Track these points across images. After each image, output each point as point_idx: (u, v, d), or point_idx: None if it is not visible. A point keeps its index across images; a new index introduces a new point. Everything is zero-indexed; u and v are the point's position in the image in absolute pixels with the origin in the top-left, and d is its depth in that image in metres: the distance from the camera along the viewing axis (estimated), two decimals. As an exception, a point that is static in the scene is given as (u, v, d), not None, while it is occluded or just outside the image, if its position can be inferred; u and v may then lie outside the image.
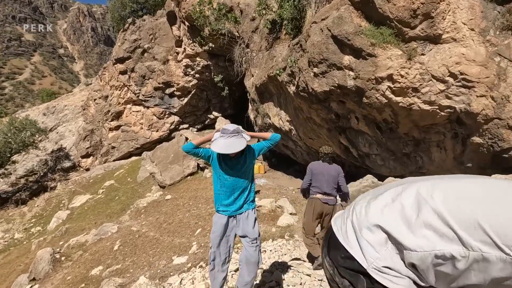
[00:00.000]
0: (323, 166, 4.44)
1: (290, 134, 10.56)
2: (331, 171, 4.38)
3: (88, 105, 25.65)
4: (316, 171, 4.39)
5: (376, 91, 6.51)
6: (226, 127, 2.98)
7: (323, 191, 4.28)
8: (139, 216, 11.76)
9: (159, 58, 23.63)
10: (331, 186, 4.30)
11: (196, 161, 14.30)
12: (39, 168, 23.71)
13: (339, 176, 4.37)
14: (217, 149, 2.84)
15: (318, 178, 4.35)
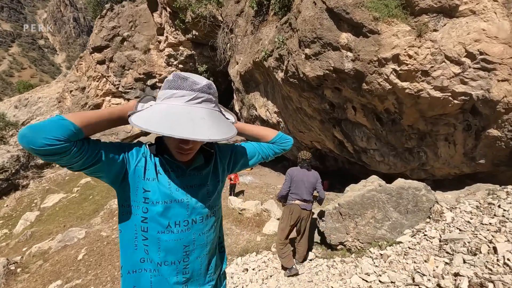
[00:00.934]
0: (302, 172, 4.40)
1: (278, 127, 9.51)
2: (310, 178, 4.37)
3: (64, 97, 23.91)
4: (297, 178, 4.35)
5: (378, 75, 5.49)
6: (187, 76, 1.10)
7: (303, 198, 4.27)
8: (111, 218, 10.55)
9: (140, 47, 22.11)
10: (309, 193, 4.32)
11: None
12: (10, 164, 21.95)
13: (317, 183, 4.41)
14: (167, 129, 0.96)
15: (298, 186, 4.32)
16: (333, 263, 3.95)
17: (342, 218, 4.12)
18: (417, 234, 3.63)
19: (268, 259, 4.75)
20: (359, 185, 4.29)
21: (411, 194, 3.86)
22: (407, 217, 3.83)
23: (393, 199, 3.88)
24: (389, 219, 3.84)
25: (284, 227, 4.31)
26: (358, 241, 4.02)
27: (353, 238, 4.09)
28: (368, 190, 3.89)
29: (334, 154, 9.03)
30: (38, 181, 21.07)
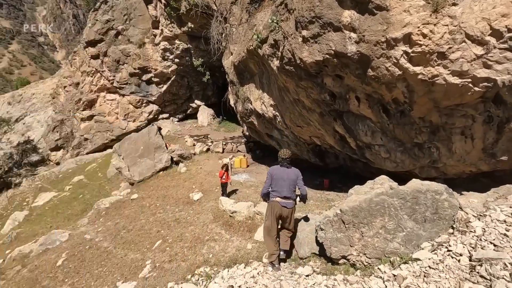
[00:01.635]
0: (282, 170, 4.51)
1: (275, 121, 8.75)
2: (290, 175, 4.47)
3: (58, 93, 23.17)
4: (277, 176, 4.46)
5: (386, 59, 4.73)
6: None
7: (283, 195, 4.35)
8: (98, 219, 9.86)
9: (135, 41, 21.27)
10: (290, 190, 4.40)
11: (169, 154, 12.37)
12: (3, 162, 21.31)
13: (298, 179, 4.48)
14: None
15: (278, 183, 4.41)
16: (334, 283, 3.22)
17: (345, 227, 3.39)
18: (438, 249, 2.90)
19: (258, 273, 4.03)
20: (365, 187, 3.55)
21: (430, 198, 3.12)
22: (425, 227, 3.09)
23: (407, 205, 3.14)
24: (403, 230, 3.11)
25: (268, 225, 4.46)
26: (365, 255, 3.29)
27: (358, 251, 3.36)
28: (377, 193, 3.15)
29: (335, 150, 8.28)
30: (31, 179, 20.43)
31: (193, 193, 9.22)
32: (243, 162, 11.55)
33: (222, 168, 8.01)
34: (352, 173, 9.61)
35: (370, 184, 3.63)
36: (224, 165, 8.05)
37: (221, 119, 21.06)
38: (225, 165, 8.04)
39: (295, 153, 9.65)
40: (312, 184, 9.40)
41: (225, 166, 8.01)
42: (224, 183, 8.00)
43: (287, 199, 4.33)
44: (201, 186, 9.76)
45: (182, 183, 10.53)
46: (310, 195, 8.08)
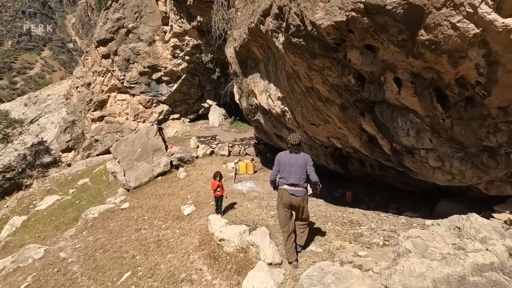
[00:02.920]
0: (290, 156, 4.04)
1: (284, 118, 6.94)
2: (299, 160, 3.97)
3: (71, 94, 22.56)
4: (283, 161, 4.03)
5: (454, 9, 2.82)
6: None
7: (290, 182, 3.93)
8: (81, 232, 8.47)
9: (145, 39, 20.15)
10: (298, 177, 3.92)
11: (168, 157, 10.85)
12: (17, 163, 20.84)
13: (307, 165, 3.96)
14: None
15: (285, 169, 3.97)
16: None
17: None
18: None
19: None
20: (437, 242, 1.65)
21: None
22: None
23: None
24: None
25: (280, 215, 4.13)
26: None
27: None
28: (478, 264, 1.28)
29: (360, 155, 6.34)
30: (42, 181, 19.77)
31: (185, 205, 7.58)
32: (249, 167, 9.79)
33: (214, 177, 6.29)
34: (382, 184, 7.60)
35: (448, 234, 1.73)
36: (216, 173, 6.30)
37: (233, 119, 19.45)
38: (218, 174, 6.31)
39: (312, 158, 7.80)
40: (331, 197, 7.47)
41: (218, 174, 6.28)
42: (218, 196, 6.28)
43: (295, 186, 3.91)
44: (196, 196, 8.11)
45: (178, 192, 8.93)
46: (329, 213, 6.18)
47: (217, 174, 6.29)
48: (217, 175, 6.29)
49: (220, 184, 6.32)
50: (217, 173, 6.31)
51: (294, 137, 4.12)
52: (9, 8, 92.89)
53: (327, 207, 6.56)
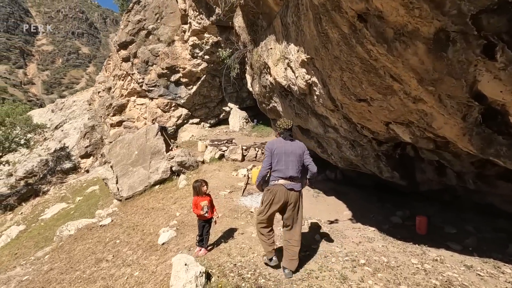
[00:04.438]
0: (285, 144, 3.21)
1: (311, 98, 4.36)
2: (296, 149, 3.20)
3: (93, 99, 21.72)
4: (278, 150, 3.15)
5: None
6: None
7: (288, 176, 3.10)
8: (47, 254, 6.42)
9: (164, 40, 18.71)
10: (296, 168, 3.14)
11: (168, 162, 8.62)
12: (39, 169, 20.09)
13: (304, 154, 3.24)
14: None
15: (281, 160, 3.13)
16: None
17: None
18: None
19: None
20: None
21: None
22: None
23: None
24: None
25: (263, 220, 3.13)
26: None
27: None
28: None
29: (446, 155, 3.54)
30: (59, 188, 18.69)
31: (167, 226, 5.18)
32: (265, 175, 7.22)
33: (197, 191, 3.79)
34: (469, 204, 4.64)
35: None
36: (199, 184, 3.80)
37: (255, 122, 17.09)
38: (202, 183, 3.81)
39: (350, 161, 5.13)
40: (387, 222, 4.66)
41: (201, 185, 3.78)
42: (204, 219, 3.77)
43: (293, 180, 3.09)
44: (186, 214, 5.71)
45: (169, 206, 6.59)
46: (394, 258, 3.39)
47: (200, 185, 3.81)
48: (201, 186, 3.81)
49: (207, 200, 3.83)
50: (200, 183, 3.82)
51: (286, 121, 3.37)
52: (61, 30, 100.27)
53: (386, 243, 3.77)
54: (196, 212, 3.75)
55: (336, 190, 6.30)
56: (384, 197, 5.83)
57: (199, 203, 3.75)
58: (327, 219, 4.82)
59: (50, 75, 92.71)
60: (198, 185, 3.78)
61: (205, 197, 3.83)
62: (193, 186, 3.84)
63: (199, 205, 3.75)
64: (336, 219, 4.81)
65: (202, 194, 3.81)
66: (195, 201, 3.77)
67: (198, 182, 3.83)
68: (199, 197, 3.78)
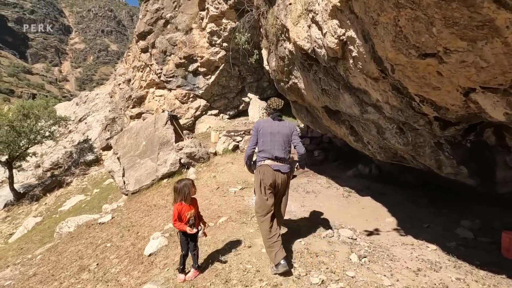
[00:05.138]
0: (272, 123, 3.09)
1: (346, 61, 3.14)
2: (283, 129, 3.06)
3: (114, 92, 21.57)
4: (264, 130, 3.05)
5: None
6: None
7: (274, 156, 2.96)
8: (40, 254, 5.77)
9: (182, 28, 17.94)
10: (283, 148, 3.01)
11: (177, 154, 7.73)
12: (63, 161, 20.33)
13: (292, 134, 3.10)
14: None
15: (266, 140, 3.00)
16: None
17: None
18: None
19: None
20: None
21: None
22: None
23: None
24: None
25: (260, 200, 2.90)
26: None
27: None
28: None
29: None
30: (81, 179, 18.75)
31: (160, 231, 4.22)
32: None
33: (180, 194, 2.71)
34: None
35: None
36: (181, 186, 2.69)
37: (276, 113, 15.85)
38: (186, 186, 2.71)
39: (394, 152, 3.89)
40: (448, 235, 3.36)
41: (185, 188, 2.68)
42: (191, 234, 2.70)
43: (280, 161, 2.94)
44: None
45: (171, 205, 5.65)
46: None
47: (183, 188, 2.73)
48: (191, 188, 2.74)
49: (192, 211, 2.77)
50: (184, 186, 2.73)
51: (277, 101, 3.23)
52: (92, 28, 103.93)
53: (461, 273, 2.53)
54: (180, 227, 2.68)
55: (372, 188, 5.03)
56: (436, 199, 4.49)
57: (184, 213, 2.70)
58: (364, 228, 3.63)
59: (82, 72, 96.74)
60: (184, 188, 2.71)
61: (191, 205, 2.78)
62: (177, 188, 2.74)
63: (184, 216, 2.70)
64: (376, 229, 3.60)
65: (189, 201, 2.75)
66: (178, 210, 2.71)
67: (184, 182, 2.76)
68: (184, 204, 2.73)
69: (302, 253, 2.92)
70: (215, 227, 3.88)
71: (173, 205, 2.75)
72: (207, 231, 3.74)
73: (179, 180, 2.80)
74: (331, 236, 3.32)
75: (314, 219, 3.87)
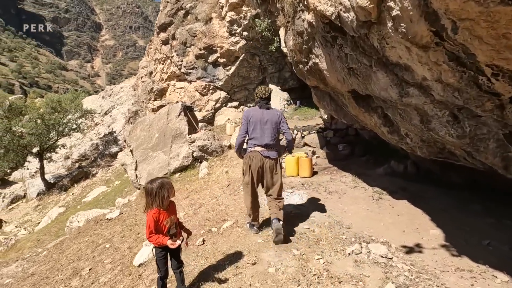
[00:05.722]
0: (261, 112, 3.19)
1: (382, 26, 2.34)
2: (272, 117, 3.18)
3: (137, 85, 21.73)
4: (254, 118, 3.15)
5: None
6: None
7: (263, 143, 3.11)
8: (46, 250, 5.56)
9: (202, 18, 17.45)
10: (272, 136, 3.16)
11: (189, 146, 7.25)
12: (90, 153, 20.92)
13: (281, 122, 3.22)
14: None
15: (256, 128, 3.15)
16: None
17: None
18: None
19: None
20: None
21: None
22: None
23: None
24: None
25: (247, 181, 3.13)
26: None
27: None
28: None
29: None
30: (105, 171, 19.15)
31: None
32: (303, 165, 5.31)
33: (156, 198, 2.09)
34: None
35: None
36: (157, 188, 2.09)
37: (298, 104, 15.06)
38: (163, 188, 2.09)
39: (442, 146, 3.05)
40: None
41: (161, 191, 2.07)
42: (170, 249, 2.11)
43: (268, 148, 3.11)
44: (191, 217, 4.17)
45: (179, 202, 5.16)
46: None
47: (160, 190, 2.11)
48: (162, 192, 2.12)
49: (172, 217, 2.17)
50: (160, 187, 2.11)
51: (263, 89, 3.41)
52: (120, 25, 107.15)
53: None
54: (159, 241, 2.07)
55: (408, 190, 4.19)
56: (493, 206, 3.57)
57: (163, 221, 2.11)
58: (401, 242, 2.86)
59: (112, 67, 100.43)
60: (162, 189, 2.10)
61: (169, 210, 2.18)
62: (151, 190, 2.10)
63: (163, 226, 2.11)
64: (418, 244, 2.82)
65: (166, 206, 2.16)
66: (155, 219, 2.11)
67: (160, 182, 2.15)
68: (162, 210, 2.14)
69: (321, 276, 2.24)
70: (218, 233, 3.29)
71: (146, 214, 2.16)
72: (209, 238, 3.17)
73: (152, 180, 2.19)
74: (358, 253, 2.60)
75: (338, 228, 3.15)
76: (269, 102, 3.29)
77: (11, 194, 20.01)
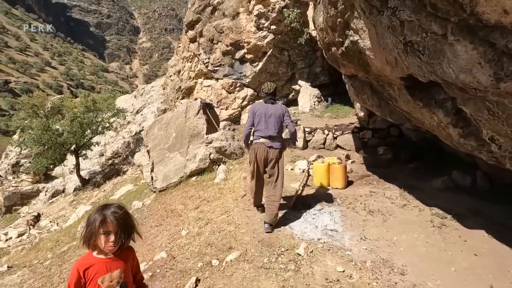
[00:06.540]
0: (266, 106, 3.45)
1: None
2: (276, 111, 3.44)
3: (166, 84, 21.81)
4: (259, 111, 3.43)
5: None
6: None
7: (267, 135, 3.37)
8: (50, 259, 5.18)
9: (229, 13, 16.86)
10: (276, 128, 3.40)
11: (207, 147, 6.55)
12: (122, 150, 21.41)
13: (284, 116, 3.45)
14: None
15: (261, 121, 3.41)
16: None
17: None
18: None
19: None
20: None
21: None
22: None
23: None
24: None
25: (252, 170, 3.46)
26: None
27: None
28: None
29: None
30: (135, 168, 19.33)
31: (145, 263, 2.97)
32: (335, 173, 4.29)
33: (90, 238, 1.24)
34: None
35: None
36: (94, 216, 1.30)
37: (329, 102, 13.84)
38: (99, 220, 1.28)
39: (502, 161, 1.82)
40: None
41: (93, 225, 1.28)
42: None
43: (272, 139, 3.36)
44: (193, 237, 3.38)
45: (187, 213, 4.45)
46: None
47: (92, 223, 1.31)
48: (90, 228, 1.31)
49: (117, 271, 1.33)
50: (93, 220, 1.32)
51: (268, 85, 3.59)
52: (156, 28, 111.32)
53: None
54: None
55: (483, 214, 3.03)
56: None
57: (96, 279, 1.30)
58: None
59: (149, 68, 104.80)
60: (94, 223, 1.31)
61: (116, 259, 1.35)
62: (87, 222, 1.36)
63: (94, 285, 1.30)
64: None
65: (108, 252, 1.34)
66: (80, 272, 1.29)
67: (101, 213, 1.34)
68: (96, 258, 1.33)
69: None
70: (219, 269, 2.46)
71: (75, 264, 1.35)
72: (205, 277, 2.36)
73: (99, 209, 1.39)
74: None
75: (386, 272, 2.18)
76: (274, 97, 3.50)
77: (52, 189, 21.08)
